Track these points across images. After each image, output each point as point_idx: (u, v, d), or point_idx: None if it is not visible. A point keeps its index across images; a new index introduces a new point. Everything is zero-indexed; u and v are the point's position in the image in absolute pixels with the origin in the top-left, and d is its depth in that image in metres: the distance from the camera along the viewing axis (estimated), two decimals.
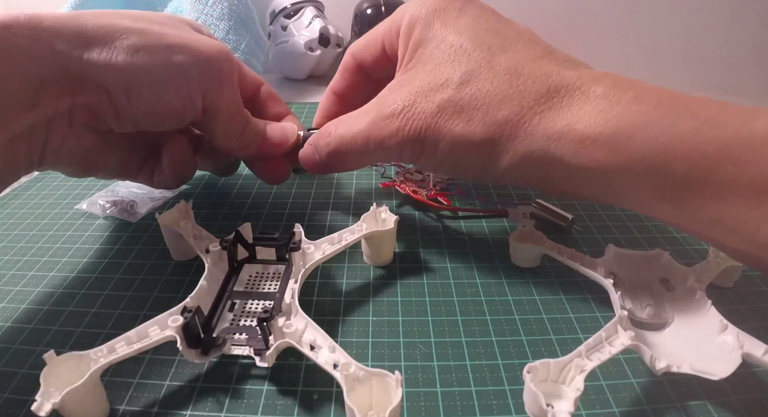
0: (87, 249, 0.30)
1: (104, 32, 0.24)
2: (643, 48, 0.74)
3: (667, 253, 0.25)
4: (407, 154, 0.26)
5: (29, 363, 0.22)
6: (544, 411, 0.17)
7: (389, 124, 0.25)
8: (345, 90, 0.33)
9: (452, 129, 0.24)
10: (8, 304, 0.26)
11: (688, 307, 0.23)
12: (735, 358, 0.19)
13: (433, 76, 0.24)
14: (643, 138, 0.20)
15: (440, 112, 0.24)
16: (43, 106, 0.23)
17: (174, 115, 0.26)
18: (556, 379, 0.18)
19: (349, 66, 0.32)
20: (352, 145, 0.27)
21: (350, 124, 0.27)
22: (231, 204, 0.35)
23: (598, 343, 0.20)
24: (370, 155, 0.27)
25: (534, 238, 0.27)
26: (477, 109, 0.23)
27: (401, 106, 0.25)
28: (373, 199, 0.35)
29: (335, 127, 0.28)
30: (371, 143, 0.26)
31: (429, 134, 0.24)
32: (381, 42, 0.29)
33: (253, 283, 0.26)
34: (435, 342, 0.23)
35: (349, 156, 0.28)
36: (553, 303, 0.26)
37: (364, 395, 0.18)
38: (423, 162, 0.26)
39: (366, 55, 0.31)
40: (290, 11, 0.65)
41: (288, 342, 0.20)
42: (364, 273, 0.28)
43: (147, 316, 0.21)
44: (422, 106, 0.24)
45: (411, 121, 0.25)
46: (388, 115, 0.25)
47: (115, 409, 0.20)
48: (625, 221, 0.33)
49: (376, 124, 0.26)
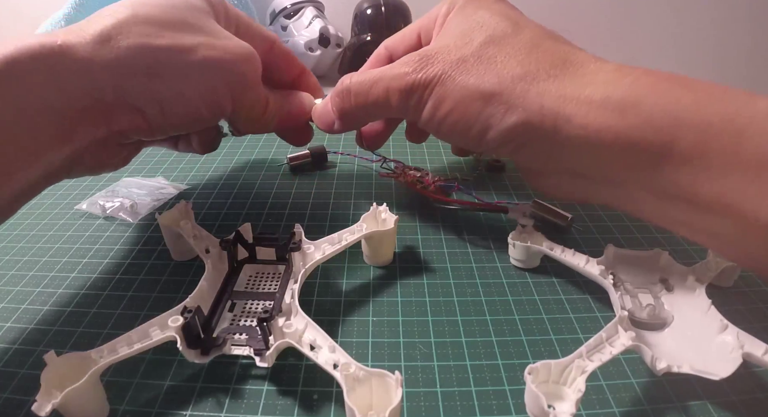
0: (87, 249, 0.30)
1: (135, 55, 0.23)
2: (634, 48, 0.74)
3: (666, 253, 0.25)
4: (413, 103, 0.26)
5: (29, 363, 0.22)
6: (545, 412, 0.17)
7: (404, 67, 0.26)
8: None
9: (466, 79, 0.24)
10: (8, 304, 0.26)
11: (687, 307, 0.23)
12: (735, 357, 0.19)
13: (459, 38, 0.25)
14: (650, 104, 0.20)
15: (459, 62, 0.24)
16: (80, 137, 0.23)
17: (205, 121, 0.27)
18: (557, 381, 0.18)
19: (380, 56, 0.32)
20: (363, 86, 0.27)
21: (365, 72, 0.28)
22: (231, 204, 0.35)
23: (598, 344, 0.20)
24: (376, 102, 0.27)
25: (533, 238, 0.27)
26: (495, 63, 0.24)
27: (422, 54, 0.25)
28: (373, 199, 0.35)
29: (350, 76, 0.29)
30: (381, 85, 0.26)
31: (442, 82, 0.24)
32: (417, 32, 0.30)
33: (253, 283, 0.26)
34: (435, 342, 0.23)
35: (357, 98, 0.28)
36: (553, 303, 0.26)
37: (364, 395, 0.18)
38: (427, 115, 0.26)
39: (399, 46, 0.31)
40: (290, 11, 0.66)
41: (288, 342, 0.20)
42: (364, 273, 0.28)
43: (147, 316, 0.21)
44: (443, 56, 0.25)
45: (428, 66, 0.25)
46: (405, 62, 0.26)
47: (115, 409, 0.20)
48: (625, 221, 0.33)
49: (392, 68, 0.26)
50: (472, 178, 0.38)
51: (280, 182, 0.38)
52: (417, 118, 0.27)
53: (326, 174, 0.39)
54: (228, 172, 0.40)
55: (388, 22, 0.61)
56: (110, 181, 0.38)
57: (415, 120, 0.27)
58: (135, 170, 0.40)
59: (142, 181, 0.38)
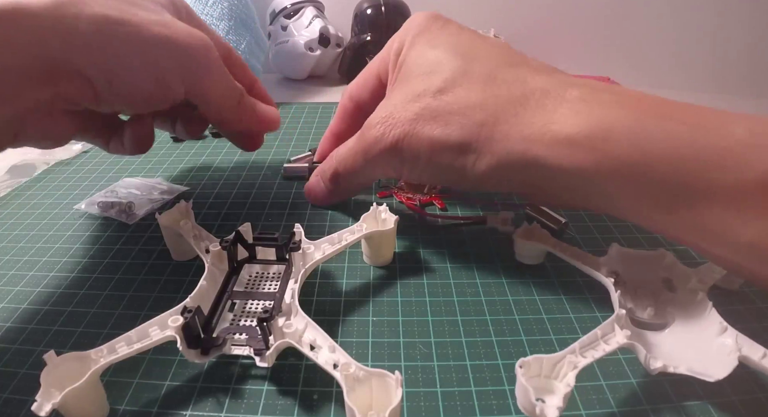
0: (87, 249, 0.30)
1: (88, 23, 0.23)
2: (633, 49, 0.74)
3: (670, 254, 0.25)
4: (391, 164, 0.27)
5: (29, 363, 0.22)
6: (533, 404, 0.17)
7: (372, 133, 0.27)
8: (344, 132, 0.34)
9: (431, 133, 0.25)
10: (8, 304, 0.26)
11: (689, 309, 0.23)
12: (732, 360, 0.19)
13: (412, 88, 0.26)
14: (619, 140, 0.20)
15: (417, 118, 0.25)
16: (25, 98, 0.23)
17: (152, 101, 0.27)
18: (548, 375, 0.18)
19: (347, 108, 0.34)
20: (347, 162, 0.29)
21: (345, 145, 0.30)
22: (231, 204, 0.35)
23: (593, 341, 0.20)
24: (364, 171, 0.29)
25: (538, 235, 0.28)
26: (454, 113, 0.24)
27: (382, 116, 0.26)
28: (373, 200, 0.35)
29: (335, 152, 0.31)
30: (359, 156, 0.28)
31: (408, 141, 0.25)
32: (376, 75, 0.31)
33: (253, 283, 0.26)
34: (435, 342, 0.23)
35: (346, 175, 0.30)
36: (553, 303, 0.26)
37: (364, 395, 0.18)
38: (407, 171, 0.27)
39: (363, 92, 0.32)
40: (290, 11, 0.66)
41: (288, 342, 0.20)
42: (364, 273, 0.28)
43: (147, 316, 0.21)
44: (400, 115, 0.25)
45: (390, 129, 0.26)
46: (371, 127, 0.27)
47: (115, 409, 0.20)
48: (625, 221, 0.33)
49: (362, 136, 0.28)
50: None
51: (280, 182, 0.38)
52: (399, 175, 0.29)
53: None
54: (228, 172, 0.40)
55: (388, 22, 0.61)
56: (110, 181, 0.38)
57: (399, 177, 0.29)
58: (134, 170, 0.40)
59: (141, 181, 0.38)
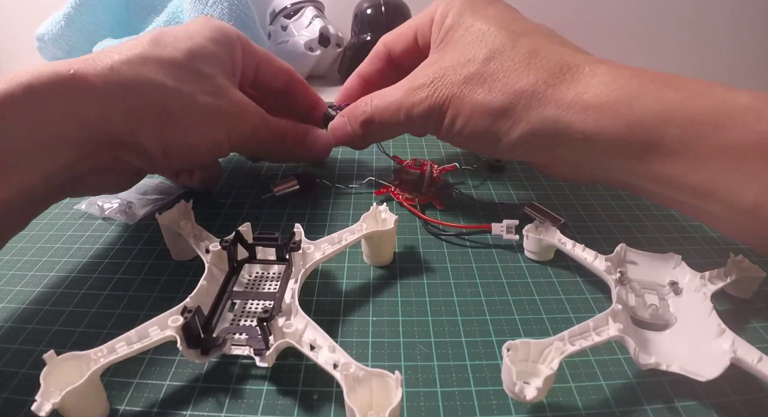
0: (87, 249, 0.30)
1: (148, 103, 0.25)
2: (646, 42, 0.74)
3: (679, 257, 0.25)
4: (432, 122, 0.29)
5: (29, 363, 0.22)
6: (513, 384, 0.17)
7: (419, 92, 0.28)
8: (371, 75, 0.36)
9: (474, 97, 0.27)
10: (8, 304, 0.26)
11: (690, 311, 0.23)
12: (724, 361, 0.19)
13: (462, 54, 0.28)
14: (640, 106, 0.23)
15: (466, 82, 0.27)
16: (86, 161, 0.25)
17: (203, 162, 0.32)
18: (536, 360, 0.19)
19: (379, 53, 0.35)
20: (385, 113, 0.30)
21: (385, 95, 0.31)
22: (231, 204, 0.35)
23: (584, 331, 0.20)
24: (400, 125, 0.30)
25: (547, 231, 0.28)
26: (498, 80, 0.26)
27: (432, 77, 0.28)
28: (373, 200, 0.35)
29: (371, 99, 0.31)
30: (402, 111, 0.29)
31: (453, 102, 0.27)
32: (413, 32, 0.33)
33: (253, 283, 0.26)
34: (435, 342, 0.23)
35: (381, 125, 0.31)
36: (553, 303, 0.26)
37: (364, 395, 0.18)
38: (444, 132, 0.29)
39: (397, 44, 0.34)
40: (290, 11, 0.65)
41: (288, 342, 0.20)
42: (364, 273, 0.28)
43: (147, 316, 0.21)
44: (450, 78, 0.27)
45: (439, 90, 0.28)
46: (420, 86, 0.28)
47: (115, 409, 0.20)
48: (625, 221, 0.33)
49: (408, 93, 0.29)
50: (473, 168, 0.39)
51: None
52: (436, 134, 0.30)
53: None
54: (227, 172, 0.40)
55: (388, 22, 0.61)
56: None
57: (434, 134, 0.30)
58: None
59: (142, 181, 0.38)
